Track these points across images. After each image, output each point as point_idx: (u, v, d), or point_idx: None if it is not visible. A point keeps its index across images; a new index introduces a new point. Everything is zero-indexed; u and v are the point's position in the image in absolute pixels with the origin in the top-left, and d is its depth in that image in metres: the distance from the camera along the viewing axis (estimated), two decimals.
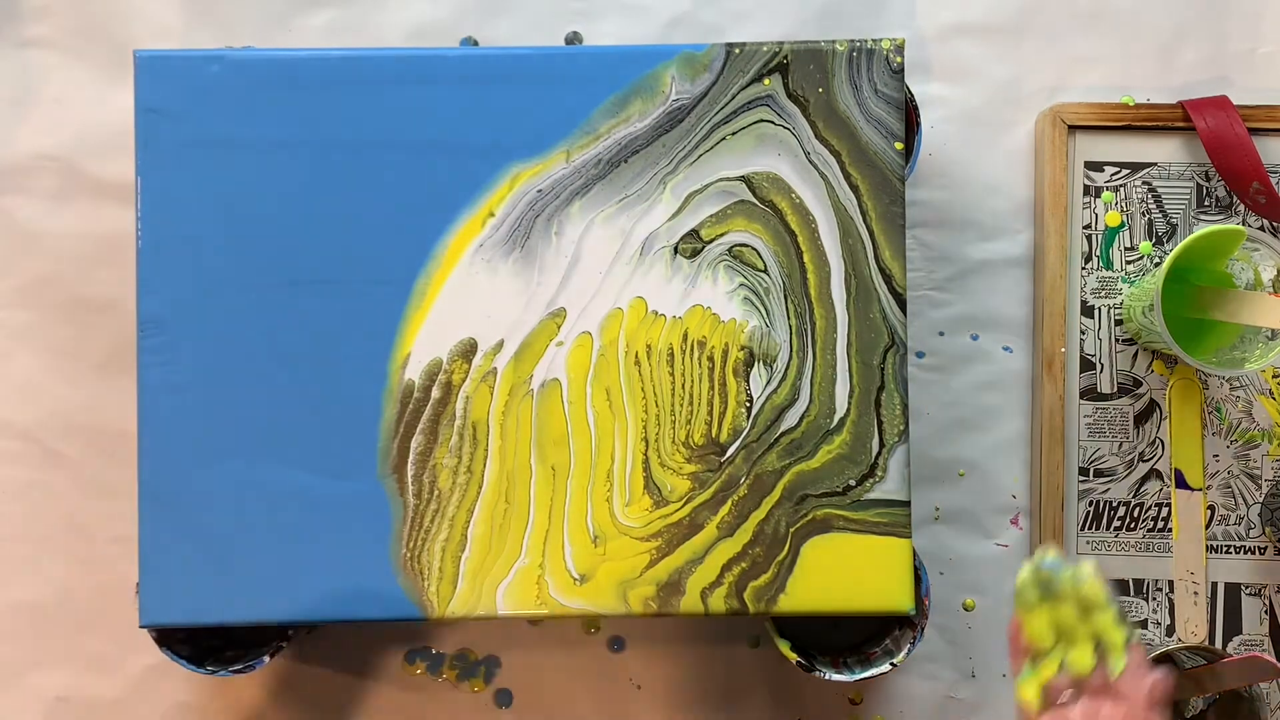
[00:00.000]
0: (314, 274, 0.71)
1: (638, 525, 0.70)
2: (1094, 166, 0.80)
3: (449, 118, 0.71)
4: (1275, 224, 0.79)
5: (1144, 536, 0.79)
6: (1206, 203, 0.80)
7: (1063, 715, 0.61)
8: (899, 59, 0.71)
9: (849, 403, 0.71)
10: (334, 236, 0.71)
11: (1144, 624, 0.79)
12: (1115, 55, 0.83)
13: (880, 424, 0.71)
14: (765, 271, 0.71)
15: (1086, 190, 0.80)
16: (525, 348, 0.71)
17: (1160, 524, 0.79)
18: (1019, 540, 0.81)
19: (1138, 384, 0.80)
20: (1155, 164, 0.80)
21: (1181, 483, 0.79)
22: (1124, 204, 0.80)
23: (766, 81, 0.71)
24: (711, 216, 0.71)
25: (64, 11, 0.83)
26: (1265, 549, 0.79)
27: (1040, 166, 0.81)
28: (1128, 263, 0.80)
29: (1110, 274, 0.80)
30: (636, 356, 0.71)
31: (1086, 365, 0.80)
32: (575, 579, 0.70)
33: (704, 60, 0.71)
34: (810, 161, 0.71)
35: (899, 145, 0.71)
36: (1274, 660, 0.68)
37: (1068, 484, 0.79)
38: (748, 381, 0.71)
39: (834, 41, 0.72)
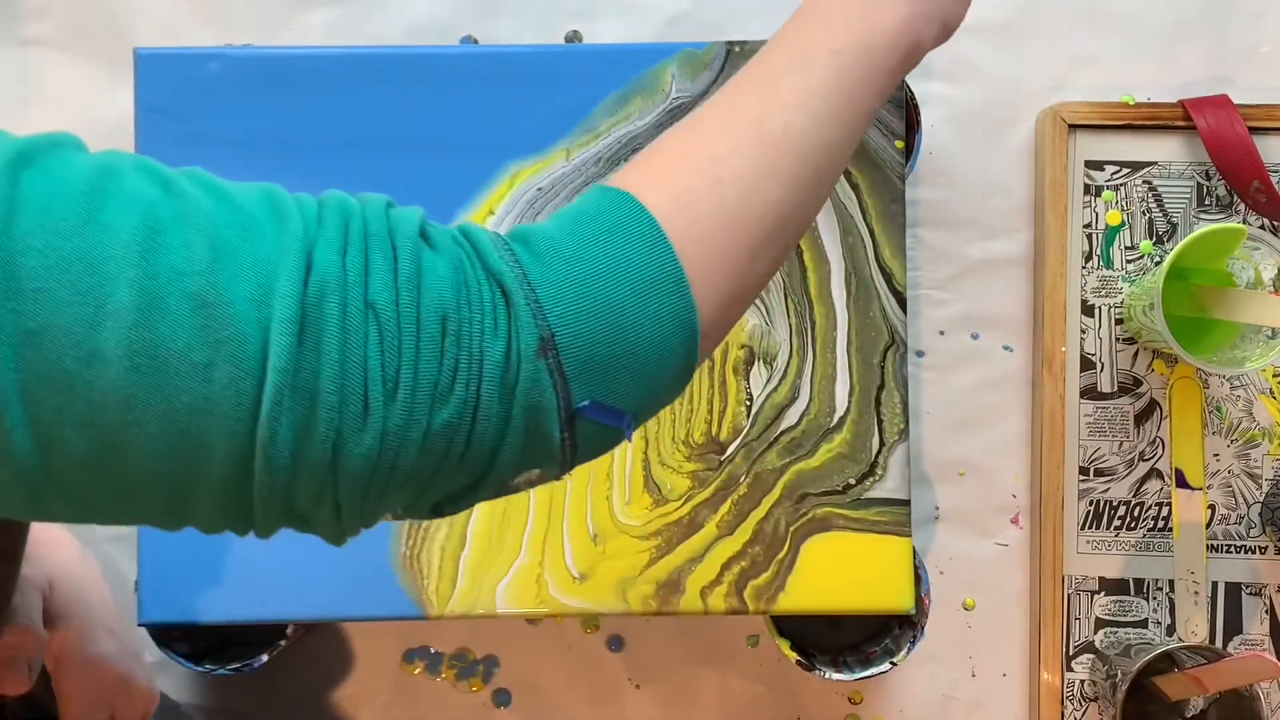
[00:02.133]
0: None
1: (637, 524, 0.70)
2: (1094, 165, 0.80)
3: (449, 117, 0.71)
4: (1276, 223, 0.79)
5: (1144, 536, 0.79)
6: (1207, 202, 0.80)
7: None
8: None
9: (849, 401, 0.71)
10: None
11: (1144, 624, 0.79)
12: (1115, 54, 0.82)
13: (880, 423, 0.71)
14: None
15: (1087, 189, 0.80)
16: None
17: (1160, 523, 0.79)
18: (1019, 540, 0.81)
19: (1138, 383, 0.80)
20: (1156, 163, 0.80)
21: (1182, 482, 0.79)
22: (1124, 203, 0.80)
23: None
24: None
25: (64, 10, 0.83)
26: (1265, 549, 0.79)
27: (1040, 165, 0.81)
28: (1128, 262, 0.80)
29: (1111, 273, 0.80)
30: None
31: (1087, 364, 0.80)
32: (575, 578, 0.70)
33: (704, 58, 0.71)
34: None
35: (899, 144, 0.71)
36: (1274, 660, 0.68)
37: (1068, 483, 0.79)
38: (748, 380, 0.71)
39: None
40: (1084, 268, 0.80)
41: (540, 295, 0.41)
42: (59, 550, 0.60)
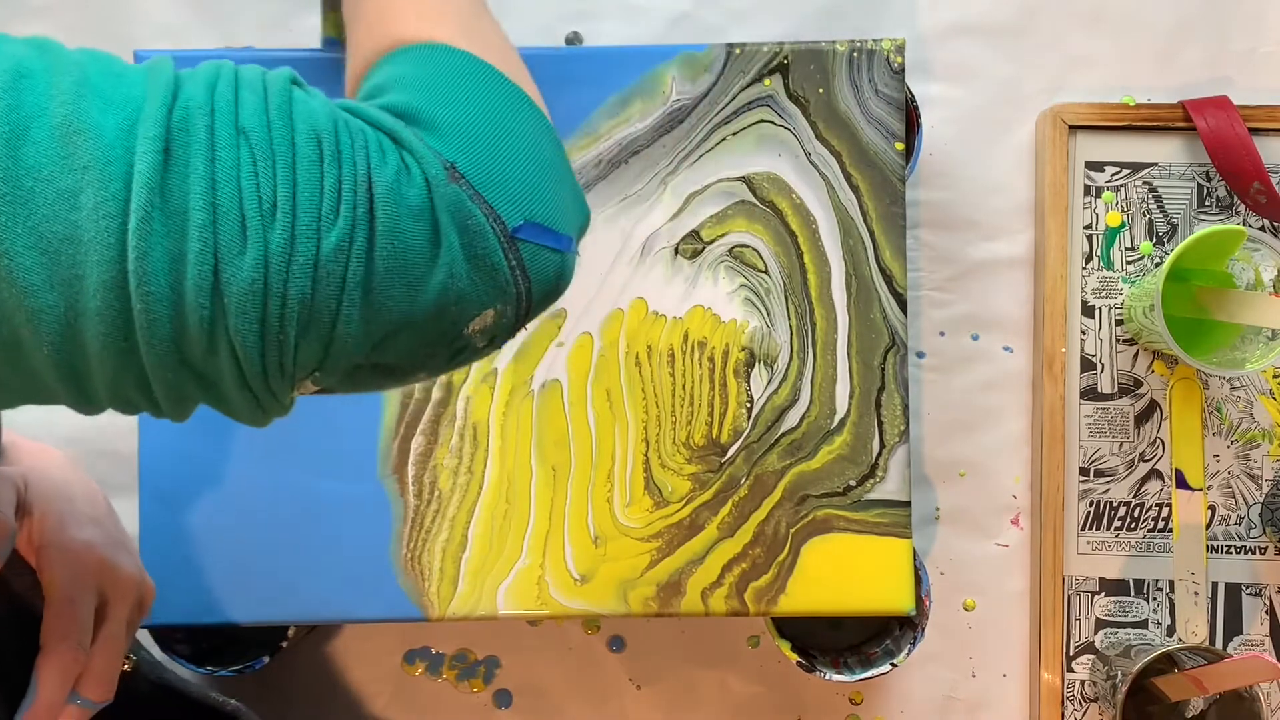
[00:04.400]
0: None
1: (638, 526, 0.70)
2: (1094, 166, 0.80)
3: None
4: (1276, 224, 0.79)
5: (1144, 536, 0.79)
6: (1207, 203, 0.80)
7: None
8: (899, 59, 0.71)
9: (849, 403, 0.71)
10: None
11: (1144, 624, 0.79)
12: (1115, 55, 0.82)
13: (881, 424, 0.71)
14: (766, 272, 0.71)
15: (1087, 190, 0.80)
16: (526, 348, 0.71)
17: (1161, 524, 0.79)
18: (1019, 540, 0.81)
19: (1138, 384, 0.80)
20: (1156, 164, 0.80)
21: (1182, 483, 0.79)
22: (1125, 204, 0.80)
23: (767, 82, 0.71)
24: (712, 217, 0.71)
25: (65, 12, 0.83)
26: (1266, 549, 0.79)
27: (1041, 166, 0.81)
28: (1128, 263, 0.80)
29: (1111, 274, 0.80)
30: (637, 357, 0.71)
31: (1087, 365, 0.80)
32: (576, 579, 0.70)
33: (704, 61, 0.71)
34: (811, 162, 0.71)
35: (899, 145, 0.71)
36: (1274, 661, 0.68)
37: (1068, 484, 0.79)
38: (748, 382, 0.71)
39: (834, 42, 0.72)
40: (1084, 269, 0.80)
41: (426, 135, 0.42)
42: (42, 456, 0.60)
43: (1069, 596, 0.79)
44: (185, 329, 0.38)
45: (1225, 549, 0.79)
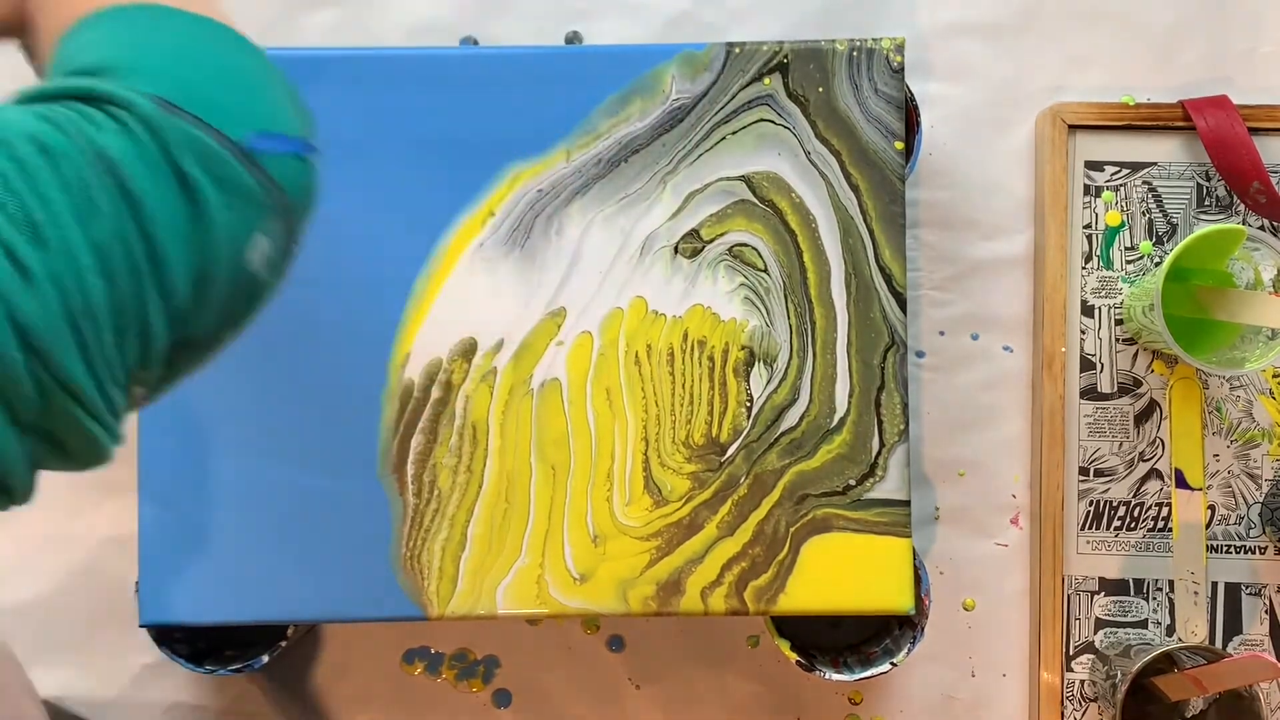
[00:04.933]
0: (314, 274, 0.70)
1: (638, 525, 0.70)
2: (1094, 166, 0.80)
3: (449, 118, 0.71)
4: (1275, 223, 0.79)
5: (1144, 536, 0.79)
6: (1207, 202, 0.80)
7: None
8: (899, 58, 0.71)
9: (849, 402, 0.71)
10: (334, 236, 0.71)
11: (1144, 624, 0.79)
12: (1115, 55, 0.82)
13: (880, 423, 0.71)
14: (765, 271, 0.71)
15: (1087, 190, 0.80)
16: (525, 347, 0.71)
17: (1160, 524, 0.79)
18: (1019, 540, 0.81)
19: (1138, 384, 0.80)
20: (1155, 163, 0.80)
21: (1182, 482, 0.79)
22: (1124, 203, 0.80)
23: (767, 81, 0.71)
24: (712, 216, 0.71)
25: None
26: (1265, 549, 0.79)
27: (1040, 166, 0.81)
28: (1128, 262, 0.80)
29: (1110, 274, 0.80)
30: (636, 356, 0.71)
31: (1087, 365, 0.80)
32: (575, 578, 0.70)
33: (704, 59, 0.71)
34: (810, 161, 0.71)
35: (899, 145, 0.71)
36: (1274, 660, 0.68)
37: (1068, 484, 0.79)
38: (748, 381, 0.71)
39: (834, 41, 0.72)
40: (1084, 268, 0.80)
41: (124, 79, 0.40)
42: None
43: (1068, 596, 0.79)
44: (9, 390, 0.36)
45: (1225, 549, 0.79)
